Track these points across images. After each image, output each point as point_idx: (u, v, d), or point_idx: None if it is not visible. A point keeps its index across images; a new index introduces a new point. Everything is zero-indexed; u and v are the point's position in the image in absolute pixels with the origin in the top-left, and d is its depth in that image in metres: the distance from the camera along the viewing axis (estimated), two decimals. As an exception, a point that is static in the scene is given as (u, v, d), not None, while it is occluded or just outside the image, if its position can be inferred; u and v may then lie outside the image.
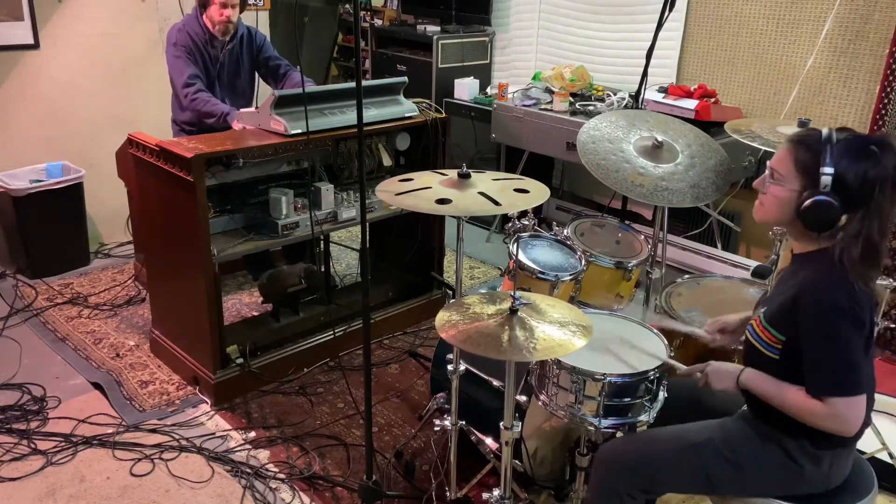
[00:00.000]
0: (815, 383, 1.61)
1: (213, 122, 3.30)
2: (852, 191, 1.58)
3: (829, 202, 1.59)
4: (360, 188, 2.11)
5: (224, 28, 3.38)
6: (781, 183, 1.67)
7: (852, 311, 1.57)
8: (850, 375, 1.59)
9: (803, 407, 1.63)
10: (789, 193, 1.65)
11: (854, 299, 1.58)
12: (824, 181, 1.59)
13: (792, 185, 1.65)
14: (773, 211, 1.71)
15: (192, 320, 2.93)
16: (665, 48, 4.11)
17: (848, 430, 1.62)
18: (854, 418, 1.61)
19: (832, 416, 1.60)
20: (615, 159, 2.52)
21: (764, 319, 1.72)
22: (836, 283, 1.59)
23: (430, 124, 3.34)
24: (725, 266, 3.89)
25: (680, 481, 1.82)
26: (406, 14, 5.62)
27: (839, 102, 3.62)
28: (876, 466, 1.87)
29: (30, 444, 2.67)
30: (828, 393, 1.60)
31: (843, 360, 1.59)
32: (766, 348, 1.70)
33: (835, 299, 1.58)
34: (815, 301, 1.60)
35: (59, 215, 3.94)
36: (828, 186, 1.59)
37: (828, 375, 1.60)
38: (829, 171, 1.58)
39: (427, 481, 2.49)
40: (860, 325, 1.59)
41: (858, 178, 1.57)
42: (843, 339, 1.58)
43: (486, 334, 1.69)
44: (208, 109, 3.30)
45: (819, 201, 1.60)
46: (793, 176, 1.65)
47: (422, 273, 3.66)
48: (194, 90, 3.32)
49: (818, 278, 1.62)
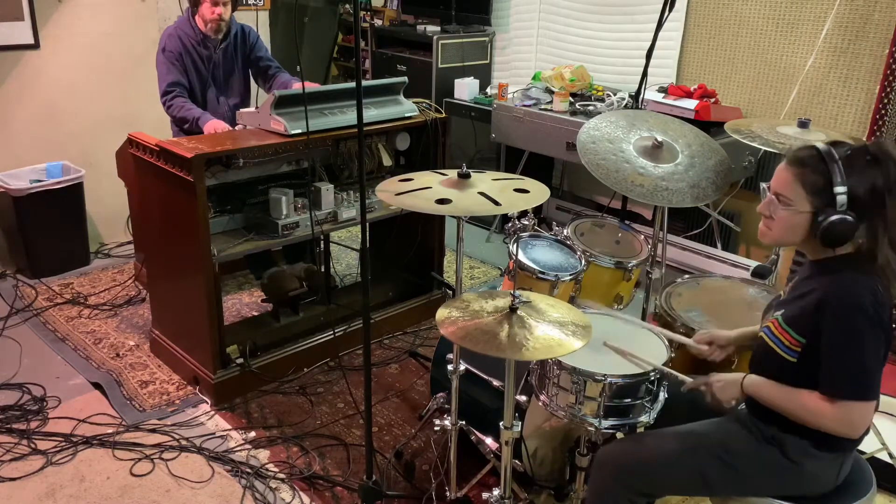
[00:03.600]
0: (832, 385, 1.61)
1: (188, 126, 3.32)
2: (864, 203, 1.59)
3: (848, 220, 1.59)
4: (360, 188, 2.11)
5: (216, 26, 3.38)
6: (791, 206, 1.66)
7: (876, 315, 1.58)
8: (866, 380, 1.59)
9: (813, 409, 1.63)
10: (801, 216, 1.65)
11: (878, 302, 1.58)
12: (840, 201, 1.59)
13: (803, 207, 1.64)
14: (783, 234, 1.70)
15: (192, 320, 2.93)
16: (665, 48, 4.11)
17: (854, 433, 1.62)
18: (862, 423, 1.61)
19: (841, 419, 1.60)
20: (615, 159, 2.52)
21: (783, 321, 1.71)
22: (862, 284, 1.60)
23: (430, 124, 3.34)
24: (725, 266, 3.89)
25: (678, 483, 1.82)
26: (406, 14, 5.62)
27: (839, 102, 3.62)
28: (875, 466, 1.87)
29: (30, 444, 2.67)
30: (843, 396, 1.60)
31: (861, 363, 1.59)
32: (784, 350, 1.69)
33: (860, 299, 1.58)
34: (839, 300, 1.60)
35: (59, 215, 3.94)
36: (844, 205, 1.59)
37: (846, 378, 1.60)
38: (842, 189, 1.59)
39: (427, 481, 2.49)
40: (880, 329, 1.59)
41: (868, 189, 1.59)
42: (862, 340, 1.58)
43: (486, 331, 1.69)
44: (182, 115, 3.33)
45: (837, 221, 1.60)
46: (803, 198, 1.64)
47: (422, 273, 3.66)
48: (171, 97, 3.35)
49: (843, 280, 1.63)
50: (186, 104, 3.35)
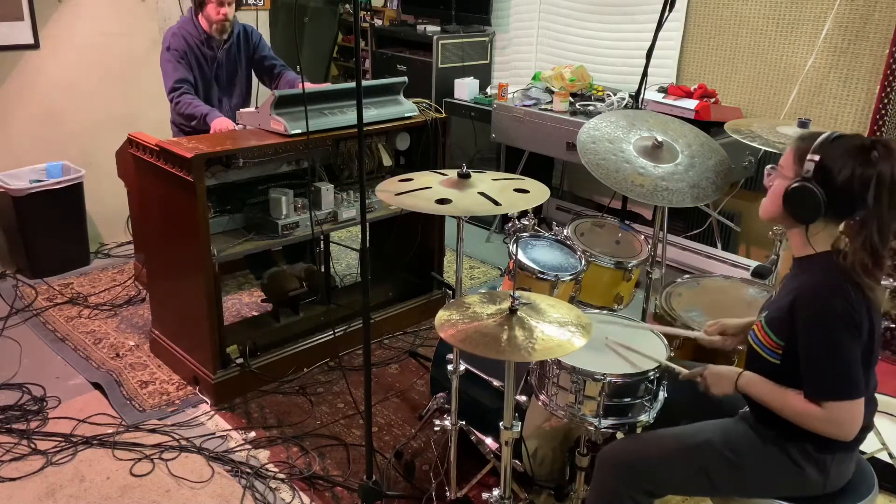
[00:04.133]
0: (813, 387, 1.61)
1: (195, 124, 3.31)
2: (838, 185, 1.57)
3: (810, 188, 1.59)
4: (360, 188, 2.11)
5: (221, 27, 3.38)
6: (781, 174, 1.69)
7: (848, 316, 1.57)
8: (846, 379, 1.59)
9: (802, 411, 1.63)
10: (784, 182, 1.67)
11: (850, 304, 1.57)
12: (807, 167, 1.60)
13: (788, 174, 1.67)
14: (772, 204, 1.71)
15: (192, 320, 2.93)
16: (665, 48, 4.11)
17: (845, 434, 1.61)
18: (851, 422, 1.60)
19: (829, 419, 1.60)
20: (615, 159, 2.52)
21: (765, 324, 1.72)
22: (832, 287, 1.59)
23: (430, 124, 3.34)
24: (725, 266, 3.89)
25: (681, 482, 1.82)
26: (406, 14, 5.62)
27: (839, 102, 3.62)
28: (876, 466, 1.86)
29: (30, 444, 2.67)
30: (825, 397, 1.60)
31: (840, 365, 1.58)
32: (768, 353, 1.70)
33: (830, 304, 1.58)
34: (809, 306, 1.60)
35: (59, 215, 3.94)
36: (810, 172, 1.59)
37: (824, 380, 1.60)
38: (815, 157, 1.59)
39: (427, 481, 2.49)
40: (856, 330, 1.58)
41: (846, 172, 1.57)
42: (838, 343, 1.58)
43: (485, 334, 1.69)
44: (189, 112, 3.32)
45: (798, 187, 1.61)
46: (790, 166, 1.67)
47: (422, 273, 3.66)
48: (178, 94, 3.34)
49: (814, 283, 1.62)
50: (195, 101, 3.35)
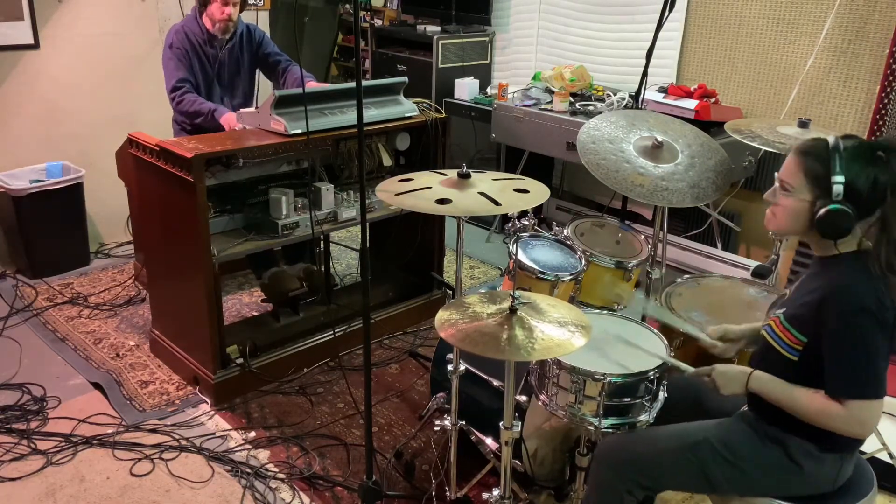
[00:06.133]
0: (838, 385, 1.61)
1: (202, 120, 3.30)
2: (865, 197, 1.59)
3: (844, 210, 1.60)
4: (360, 188, 2.11)
5: (224, 26, 3.38)
6: (792, 194, 1.68)
7: (879, 315, 1.58)
8: (873, 379, 1.59)
9: (821, 409, 1.62)
10: (801, 204, 1.66)
11: (881, 302, 1.58)
12: (836, 190, 1.60)
13: (803, 195, 1.66)
14: (786, 222, 1.72)
15: (192, 320, 2.93)
16: (665, 48, 4.11)
17: (864, 432, 1.63)
18: (872, 421, 1.61)
19: (850, 418, 1.60)
20: (615, 159, 2.52)
21: (784, 320, 1.71)
22: (864, 285, 1.60)
23: (430, 124, 3.34)
24: (725, 266, 3.89)
25: (679, 479, 1.82)
26: (406, 14, 5.62)
27: (839, 102, 3.62)
28: (876, 466, 1.87)
29: (30, 444, 2.67)
30: (850, 395, 1.59)
31: (867, 363, 1.59)
32: (786, 349, 1.70)
33: (862, 302, 1.58)
34: (842, 303, 1.60)
35: (59, 215, 3.94)
36: (840, 195, 1.60)
37: (851, 378, 1.60)
38: (839, 179, 1.60)
39: (427, 481, 2.49)
40: (885, 329, 1.59)
41: (869, 183, 1.59)
42: (868, 341, 1.58)
43: (485, 333, 1.69)
44: (195, 109, 3.31)
45: (833, 210, 1.61)
46: (804, 186, 1.66)
47: (422, 273, 3.66)
48: (181, 93, 3.33)
49: (846, 281, 1.63)
50: (198, 99, 3.35)
